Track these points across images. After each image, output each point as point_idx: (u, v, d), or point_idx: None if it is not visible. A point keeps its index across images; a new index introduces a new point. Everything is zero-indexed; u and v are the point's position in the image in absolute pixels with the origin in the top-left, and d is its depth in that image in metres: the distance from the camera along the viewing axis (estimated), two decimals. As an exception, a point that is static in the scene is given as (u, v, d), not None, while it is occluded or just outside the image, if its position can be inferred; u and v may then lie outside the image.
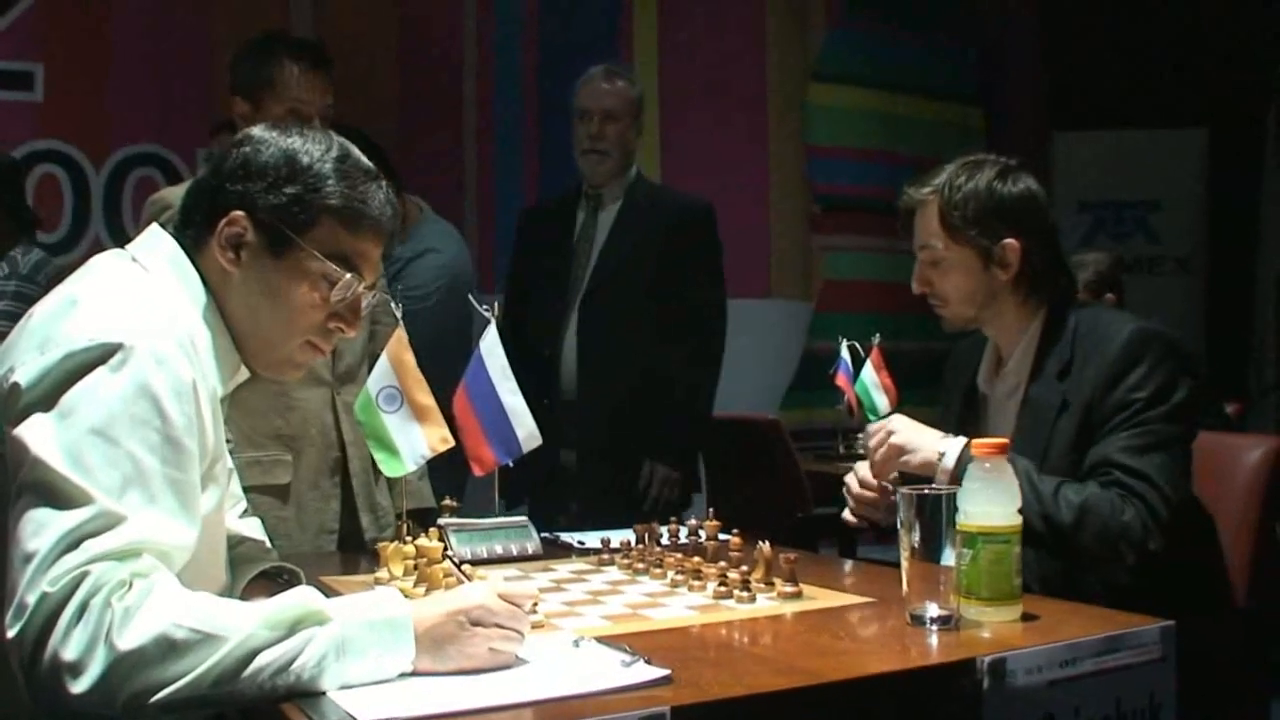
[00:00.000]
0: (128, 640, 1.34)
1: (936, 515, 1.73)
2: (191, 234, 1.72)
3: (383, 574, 2.15)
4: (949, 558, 1.72)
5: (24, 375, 1.48)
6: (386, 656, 1.45)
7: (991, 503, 1.75)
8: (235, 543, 1.95)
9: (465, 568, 1.77)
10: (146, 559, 1.42)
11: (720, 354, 3.71)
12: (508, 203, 5.41)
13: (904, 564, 1.76)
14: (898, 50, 6.37)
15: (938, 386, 2.72)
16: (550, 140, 5.42)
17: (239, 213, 1.68)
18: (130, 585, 1.38)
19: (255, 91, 2.79)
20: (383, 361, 2.61)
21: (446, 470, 2.74)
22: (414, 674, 1.47)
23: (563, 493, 3.56)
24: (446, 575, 1.90)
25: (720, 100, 5.67)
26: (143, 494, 1.45)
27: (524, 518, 2.54)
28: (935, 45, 6.53)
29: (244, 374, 1.77)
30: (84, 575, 1.36)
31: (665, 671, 1.45)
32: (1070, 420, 2.25)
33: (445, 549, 2.21)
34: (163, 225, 1.76)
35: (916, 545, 1.73)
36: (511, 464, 2.69)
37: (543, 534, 2.54)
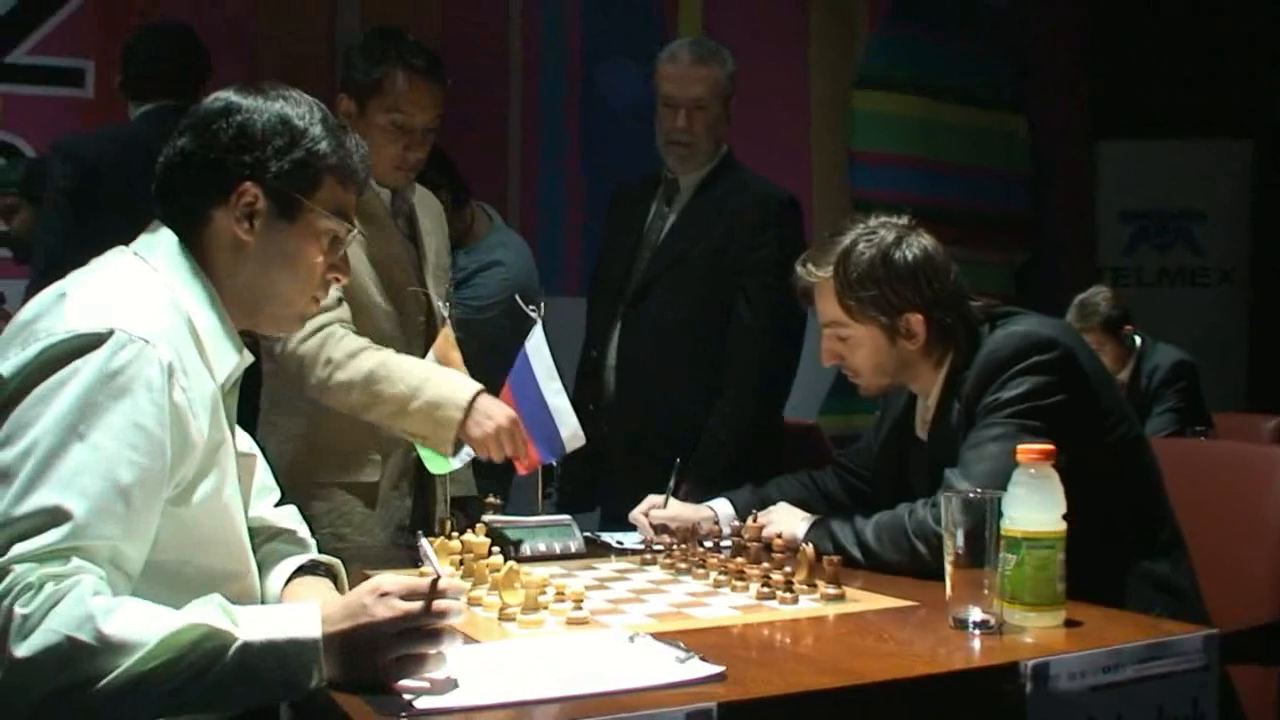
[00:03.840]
0: (23, 649, 1.33)
1: (981, 520, 1.74)
2: (186, 212, 1.72)
3: (426, 569, 2.16)
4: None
5: (6, 368, 1.49)
6: (291, 679, 1.41)
7: (1036, 508, 1.76)
8: (270, 535, 1.96)
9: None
10: (73, 561, 1.39)
11: (769, 369, 3.35)
12: (550, 199, 5.43)
13: (948, 568, 1.77)
14: (941, 57, 6.35)
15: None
16: (592, 142, 5.45)
17: (249, 183, 1.69)
18: (39, 588, 1.36)
19: (363, 94, 2.76)
20: (430, 360, 2.65)
21: (489, 468, 2.75)
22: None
23: (601, 493, 3.46)
24: (493, 571, 1.93)
25: (762, 104, 5.67)
26: (93, 485, 1.43)
27: (567, 516, 2.57)
28: (978, 52, 6.52)
29: (247, 358, 1.77)
30: (2, 575, 1.35)
31: (720, 668, 1.47)
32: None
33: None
34: None
35: (960, 550, 1.74)
36: (555, 463, 2.73)
37: (585, 533, 2.57)
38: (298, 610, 1.48)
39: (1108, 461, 2.27)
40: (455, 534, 2.27)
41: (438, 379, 2.49)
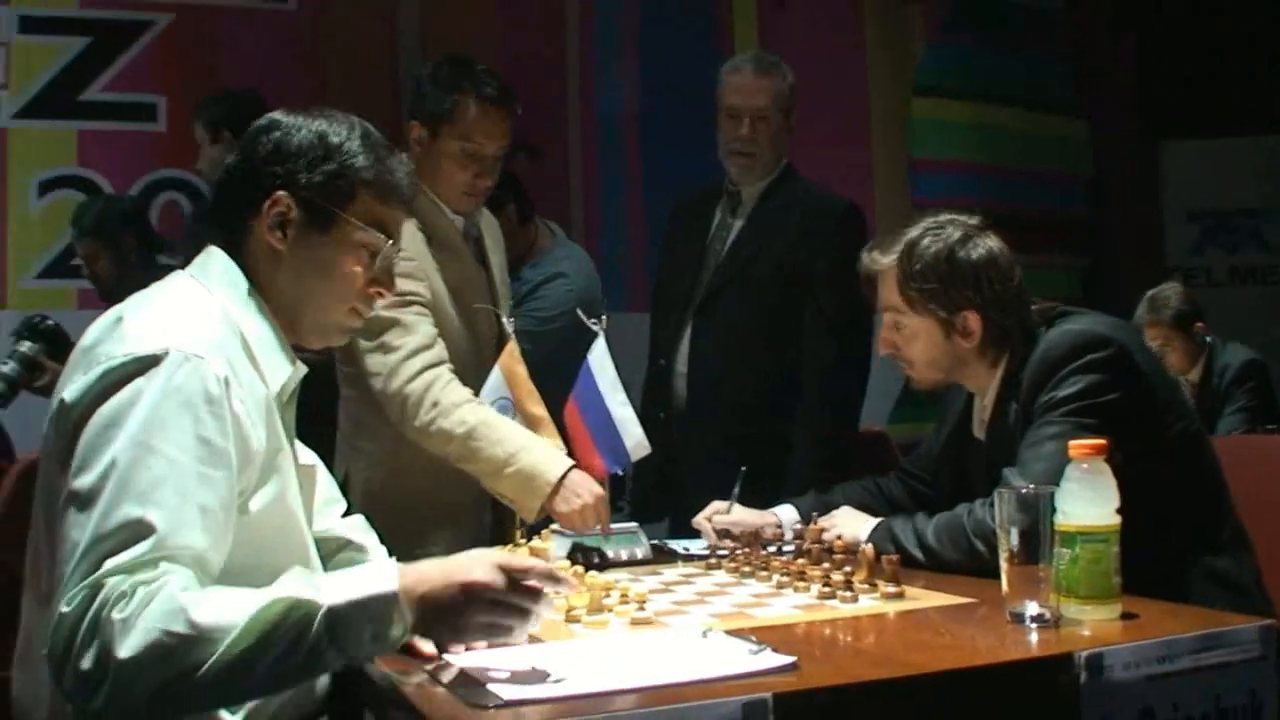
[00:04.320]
0: (125, 649, 1.41)
1: (1035, 516, 1.77)
2: (232, 225, 1.81)
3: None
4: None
5: (70, 393, 1.58)
6: (380, 631, 1.49)
7: (1090, 503, 1.78)
8: (339, 546, 2.04)
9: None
10: (161, 565, 1.48)
11: (844, 383, 3.40)
12: (611, 217, 5.48)
13: (1003, 565, 1.80)
14: (998, 63, 6.35)
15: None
16: (652, 159, 5.50)
17: (282, 193, 1.77)
18: (132, 594, 1.44)
19: (434, 122, 2.80)
20: (495, 374, 2.72)
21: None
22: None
23: (670, 501, 3.51)
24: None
25: (821, 115, 5.70)
26: (169, 497, 1.51)
27: (634, 524, 2.62)
28: (1036, 57, 6.50)
29: (301, 369, 1.84)
30: (97, 590, 1.44)
31: (791, 659, 1.51)
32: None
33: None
34: None
35: (1015, 546, 1.77)
36: (621, 472, 2.79)
37: (652, 541, 2.62)
38: (374, 568, 1.57)
39: (1166, 458, 2.28)
40: (523, 541, 2.34)
41: (534, 450, 2.55)
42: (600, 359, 2.67)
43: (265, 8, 4.88)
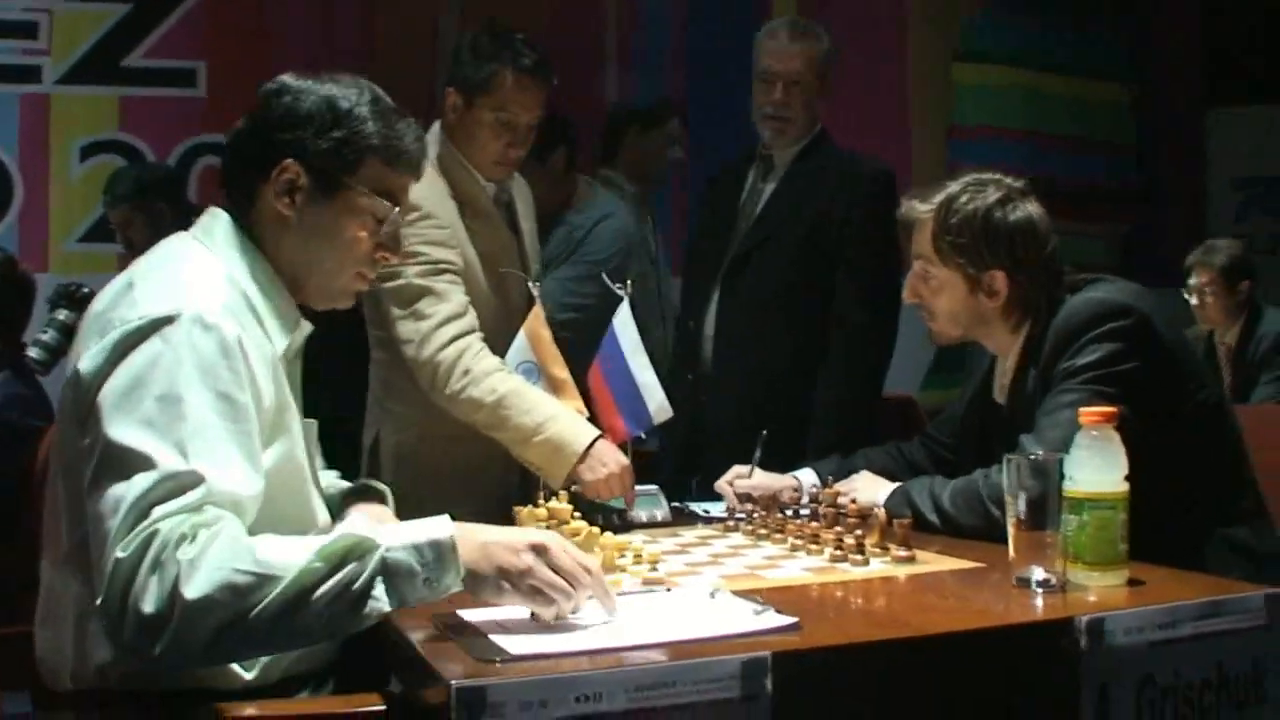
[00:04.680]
0: (193, 589, 1.45)
1: (1045, 482, 1.78)
2: (241, 189, 1.84)
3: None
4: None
5: (86, 362, 1.62)
6: (434, 576, 1.54)
7: (1098, 470, 1.79)
8: (351, 493, 2.10)
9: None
10: (210, 510, 1.53)
11: (870, 347, 3.39)
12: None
13: (1010, 530, 1.81)
14: (1044, 29, 6.29)
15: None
16: (695, 126, 5.49)
17: (290, 160, 1.80)
18: (193, 537, 1.48)
19: (470, 91, 2.81)
20: (520, 338, 2.75)
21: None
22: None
23: (695, 463, 3.48)
24: (574, 535, 2.02)
25: (861, 80, 5.67)
26: (205, 448, 1.56)
27: (654, 486, 2.65)
28: (1083, 23, 6.43)
29: (306, 328, 1.89)
30: (153, 535, 1.48)
31: (794, 619, 1.54)
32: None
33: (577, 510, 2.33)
34: None
35: (1023, 511, 1.79)
36: (644, 435, 2.82)
37: (672, 503, 2.65)
38: (430, 520, 1.60)
39: (1186, 427, 2.28)
40: (542, 502, 2.37)
41: (562, 419, 2.58)
42: (624, 322, 2.70)
43: (305, -29, 4.93)
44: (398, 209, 1.88)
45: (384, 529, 1.59)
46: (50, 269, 4.58)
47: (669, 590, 1.81)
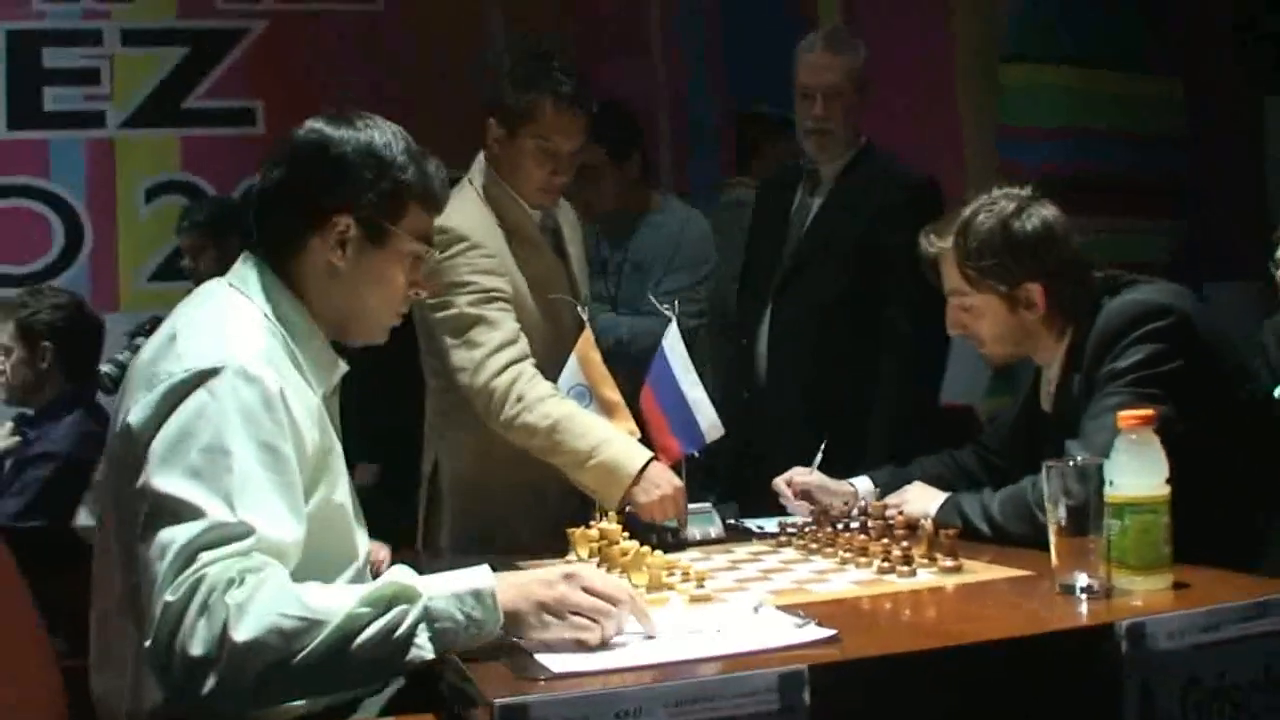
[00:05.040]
0: (243, 633, 1.50)
1: (1085, 487, 1.79)
2: (282, 239, 1.89)
3: (571, 556, 2.32)
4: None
5: (135, 415, 1.68)
6: (475, 623, 1.59)
7: (1138, 474, 1.79)
8: None
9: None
10: (256, 557, 1.58)
11: (922, 359, 3.42)
12: (701, 196, 5.50)
13: (1052, 536, 1.82)
14: (1092, 24, 6.23)
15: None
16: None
17: (343, 216, 1.85)
18: (241, 581, 1.53)
19: (511, 120, 2.82)
20: (572, 361, 2.78)
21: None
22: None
23: (749, 479, 3.53)
24: (623, 555, 2.06)
25: (907, 83, 5.65)
26: (251, 499, 1.61)
27: (708, 504, 2.67)
28: (1131, 15, 6.37)
29: (342, 368, 1.95)
30: (201, 579, 1.53)
31: (833, 631, 1.57)
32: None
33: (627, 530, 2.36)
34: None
35: (1064, 518, 1.79)
36: (696, 454, 2.84)
37: (726, 520, 2.67)
38: (471, 570, 1.65)
39: (1232, 425, 2.27)
40: (595, 522, 2.41)
41: (615, 443, 2.61)
42: (673, 342, 2.73)
43: (353, 10, 5.00)
44: (432, 250, 1.96)
45: (426, 578, 1.63)
46: (121, 308, 4.70)
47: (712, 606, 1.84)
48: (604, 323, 3.64)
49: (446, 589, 1.60)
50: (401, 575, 1.61)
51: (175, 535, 1.56)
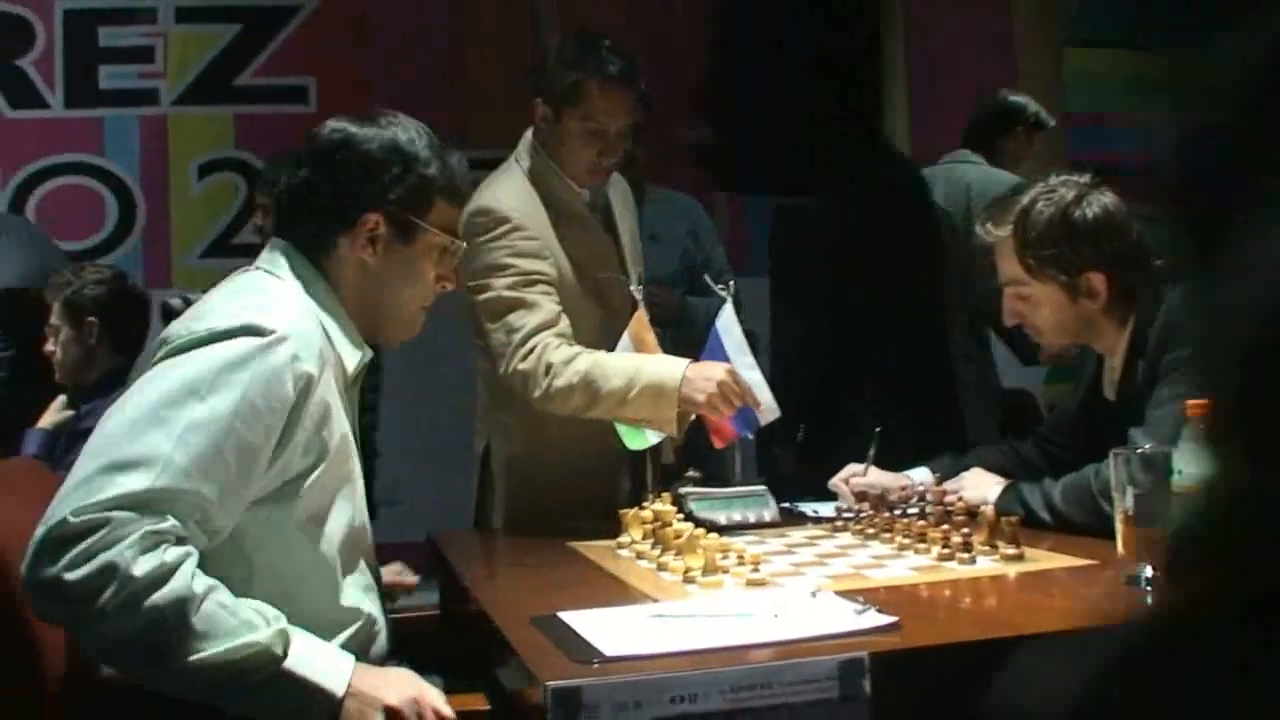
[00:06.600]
0: (119, 610, 1.52)
1: (1153, 477, 1.74)
2: (312, 237, 1.90)
3: (624, 538, 2.29)
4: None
5: (173, 334, 1.71)
6: (303, 714, 1.62)
7: (1206, 463, 1.74)
8: None
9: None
10: (169, 521, 1.57)
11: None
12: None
13: (1118, 526, 1.78)
14: (1152, 8, 6.13)
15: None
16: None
17: (374, 214, 1.87)
18: (148, 551, 1.53)
19: (557, 101, 2.79)
20: (624, 341, 2.75)
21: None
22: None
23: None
24: (676, 537, 2.03)
25: (969, 70, 5.59)
26: (206, 439, 1.60)
27: (763, 486, 2.63)
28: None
29: (368, 353, 1.94)
30: (104, 521, 1.52)
31: (894, 619, 1.53)
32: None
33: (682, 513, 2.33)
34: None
35: (1130, 507, 1.75)
36: (752, 436, 2.80)
37: (781, 503, 2.63)
38: (337, 663, 1.66)
39: None
40: (648, 503, 2.38)
41: (649, 364, 2.59)
42: (728, 324, 2.69)
43: (406, -14, 4.99)
44: (458, 242, 1.98)
45: (298, 643, 1.63)
46: (173, 285, 4.71)
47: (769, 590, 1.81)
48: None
49: (301, 670, 1.61)
50: (271, 635, 1.60)
51: (102, 445, 1.59)
